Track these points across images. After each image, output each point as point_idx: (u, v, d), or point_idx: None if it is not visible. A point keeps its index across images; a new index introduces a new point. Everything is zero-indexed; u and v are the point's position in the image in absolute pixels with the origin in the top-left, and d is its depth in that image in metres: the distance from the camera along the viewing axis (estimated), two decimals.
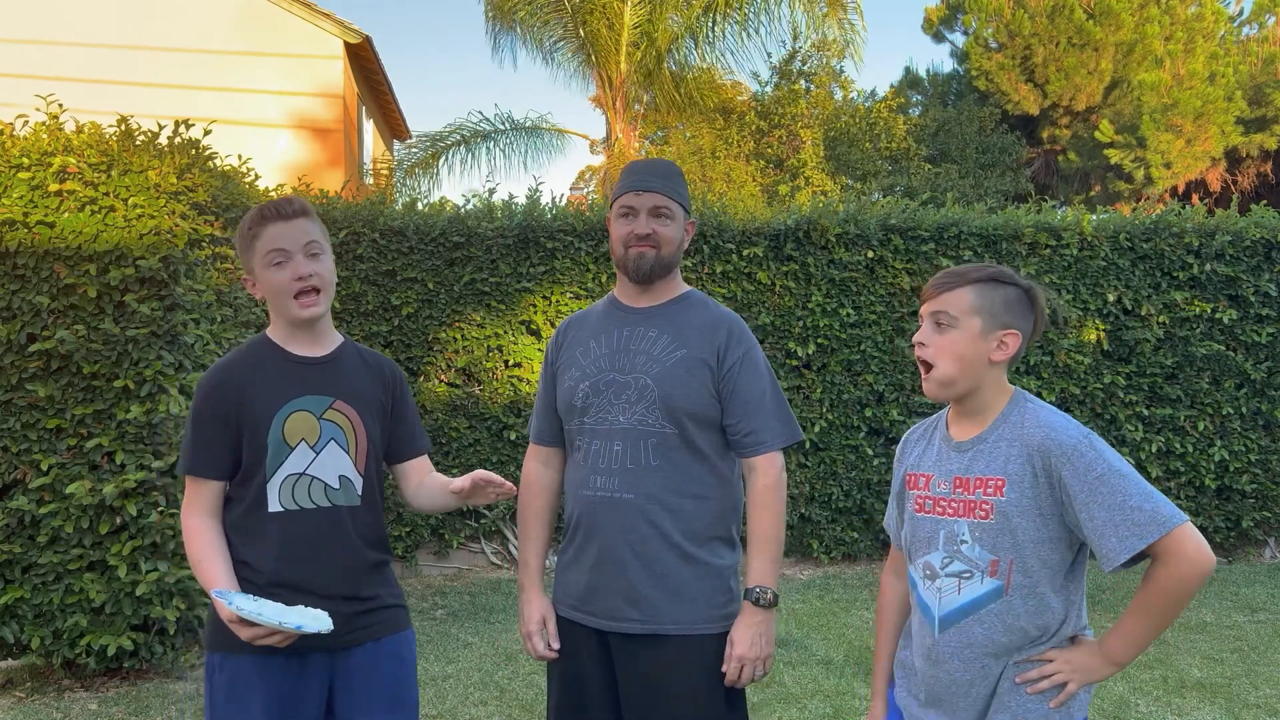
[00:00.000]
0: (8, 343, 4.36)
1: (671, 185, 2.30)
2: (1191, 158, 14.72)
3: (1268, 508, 7.22)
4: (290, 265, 2.09)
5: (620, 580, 2.22)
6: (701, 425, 2.24)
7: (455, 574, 6.75)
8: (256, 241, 2.11)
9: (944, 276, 1.91)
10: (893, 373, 6.91)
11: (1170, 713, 4.19)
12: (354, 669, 2.13)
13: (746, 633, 2.20)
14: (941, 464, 1.94)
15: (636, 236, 2.26)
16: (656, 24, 13.36)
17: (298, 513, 2.09)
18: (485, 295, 6.65)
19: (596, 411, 2.26)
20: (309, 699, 2.10)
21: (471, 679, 4.64)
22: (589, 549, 2.27)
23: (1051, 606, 1.84)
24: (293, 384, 2.13)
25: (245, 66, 12.67)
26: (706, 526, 2.25)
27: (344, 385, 2.16)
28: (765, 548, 2.22)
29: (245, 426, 2.10)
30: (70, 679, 4.56)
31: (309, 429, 2.11)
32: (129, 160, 4.49)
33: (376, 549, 2.19)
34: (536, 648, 2.33)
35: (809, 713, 4.17)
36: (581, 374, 2.30)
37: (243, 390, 2.11)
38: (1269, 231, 7.15)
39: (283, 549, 2.09)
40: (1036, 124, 16.66)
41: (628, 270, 2.30)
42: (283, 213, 2.11)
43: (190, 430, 2.14)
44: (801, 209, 7.00)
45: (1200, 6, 15.59)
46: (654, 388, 2.22)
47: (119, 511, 4.33)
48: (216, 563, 2.07)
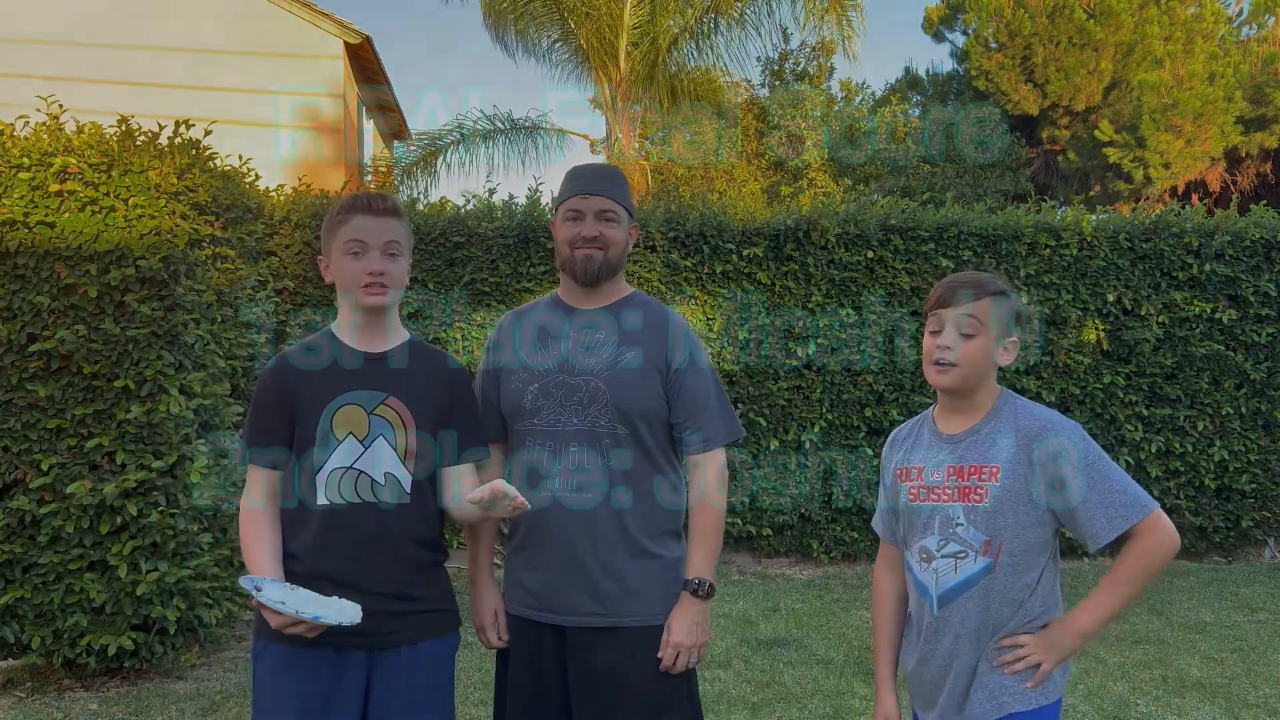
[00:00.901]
0: (8, 343, 4.36)
1: (617, 189, 2.35)
2: (1191, 158, 14.72)
3: (1267, 508, 7.22)
4: (366, 258, 2.11)
5: (579, 577, 2.27)
6: (652, 426, 2.30)
7: (455, 574, 6.73)
8: (341, 228, 2.13)
9: (968, 286, 2.06)
10: (893, 373, 6.91)
11: (1170, 713, 4.19)
12: (391, 669, 2.12)
13: (684, 621, 2.28)
14: (933, 455, 2.10)
15: (584, 239, 2.30)
16: (658, 24, 13.36)
17: (343, 507, 2.10)
18: (485, 295, 6.65)
19: (547, 414, 2.29)
20: (346, 695, 2.09)
21: (471, 679, 4.64)
22: (547, 549, 2.29)
23: (1029, 581, 2.02)
24: (347, 377, 2.14)
25: (245, 66, 12.68)
26: (659, 522, 2.32)
27: (398, 382, 2.16)
28: (706, 541, 2.32)
29: (298, 415, 2.12)
30: (70, 679, 4.56)
31: (358, 423, 2.11)
32: (129, 160, 4.49)
33: (426, 549, 2.17)
34: (491, 640, 2.38)
35: (809, 713, 4.17)
36: (530, 375, 2.33)
37: (298, 378, 2.14)
38: (1269, 231, 7.16)
39: (325, 542, 2.10)
40: (1036, 124, 16.65)
41: (575, 272, 2.33)
42: (373, 207, 2.14)
43: (249, 419, 2.18)
44: (802, 209, 7.00)
45: (1200, 6, 15.59)
46: (606, 391, 2.26)
47: (119, 511, 4.33)
48: (259, 550, 2.09)
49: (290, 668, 2.08)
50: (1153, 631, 5.35)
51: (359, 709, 2.11)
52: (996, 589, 2.01)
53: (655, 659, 2.27)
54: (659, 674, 2.27)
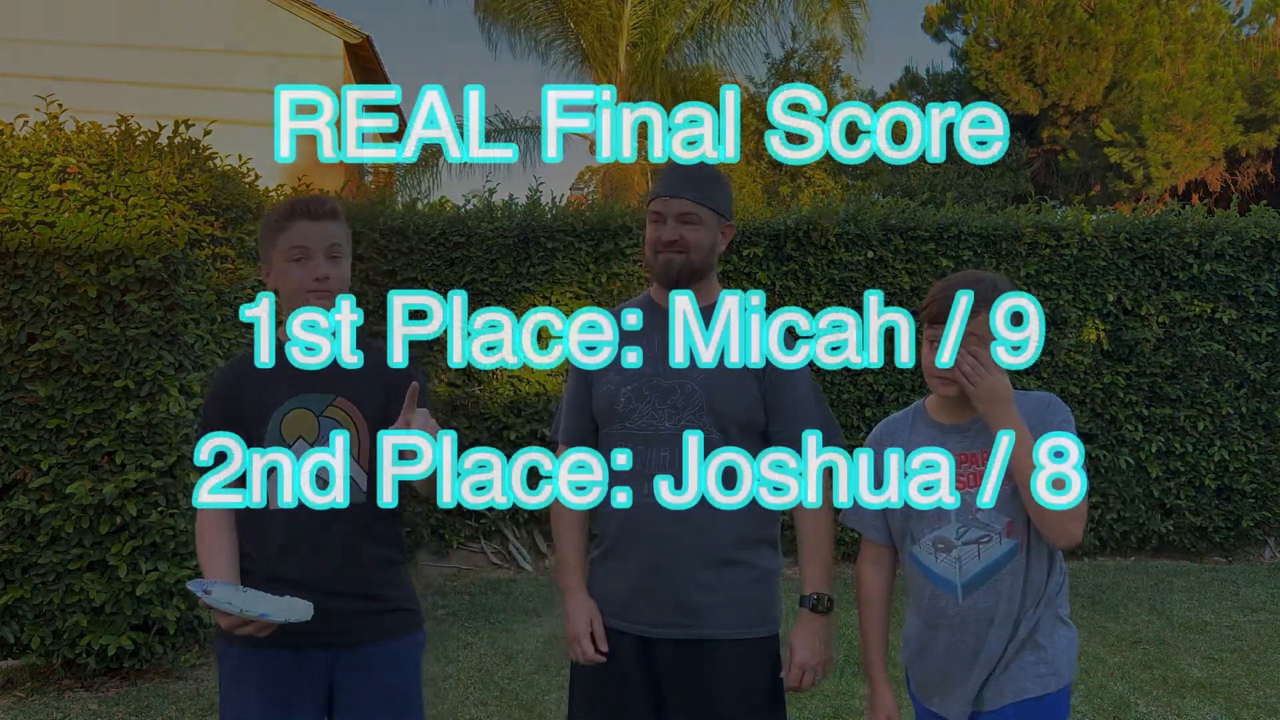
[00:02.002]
0: (8, 343, 4.36)
1: (703, 190, 2.26)
2: (1191, 157, 14.72)
3: (1268, 508, 7.21)
4: (309, 264, 2.10)
5: (666, 588, 2.19)
6: (746, 431, 2.24)
7: (455, 574, 6.74)
8: (280, 235, 2.12)
9: (977, 288, 2.02)
10: (893, 373, 6.91)
11: (1170, 713, 4.19)
12: (354, 670, 2.11)
13: (807, 639, 2.20)
14: (939, 445, 2.08)
15: (664, 242, 2.24)
16: (659, 24, 13.35)
17: (296, 509, 2.10)
18: (485, 295, 6.64)
19: (640, 417, 2.23)
20: (307, 695, 2.10)
21: (471, 679, 4.64)
22: (632, 555, 2.23)
23: (1049, 563, 2.06)
24: (293, 382, 2.13)
25: (245, 66, 12.67)
26: (750, 530, 2.24)
27: (346, 383, 2.15)
28: (817, 553, 2.24)
29: (246, 425, 2.12)
30: (70, 679, 4.56)
31: (307, 427, 2.11)
32: (129, 160, 4.49)
33: (383, 547, 2.17)
34: (586, 651, 2.25)
35: (809, 713, 4.17)
36: (622, 378, 2.27)
37: (243, 389, 2.14)
38: (1269, 231, 7.15)
39: (281, 544, 2.10)
40: (1036, 124, 16.64)
41: (657, 275, 2.28)
42: (313, 212, 2.12)
43: (200, 423, 2.19)
44: (802, 209, 7.00)
45: (1200, 6, 15.59)
46: (701, 393, 2.21)
47: (119, 511, 4.33)
48: (213, 553, 2.10)
49: (250, 669, 2.08)
50: (1153, 631, 5.35)
51: (322, 710, 2.12)
52: (1027, 568, 2.02)
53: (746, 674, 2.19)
54: (750, 689, 2.20)
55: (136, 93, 11.69)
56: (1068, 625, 2.10)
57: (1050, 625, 2.05)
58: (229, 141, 5.98)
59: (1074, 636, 2.11)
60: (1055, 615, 2.07)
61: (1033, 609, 2.03)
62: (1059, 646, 2.05)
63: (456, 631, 5.38)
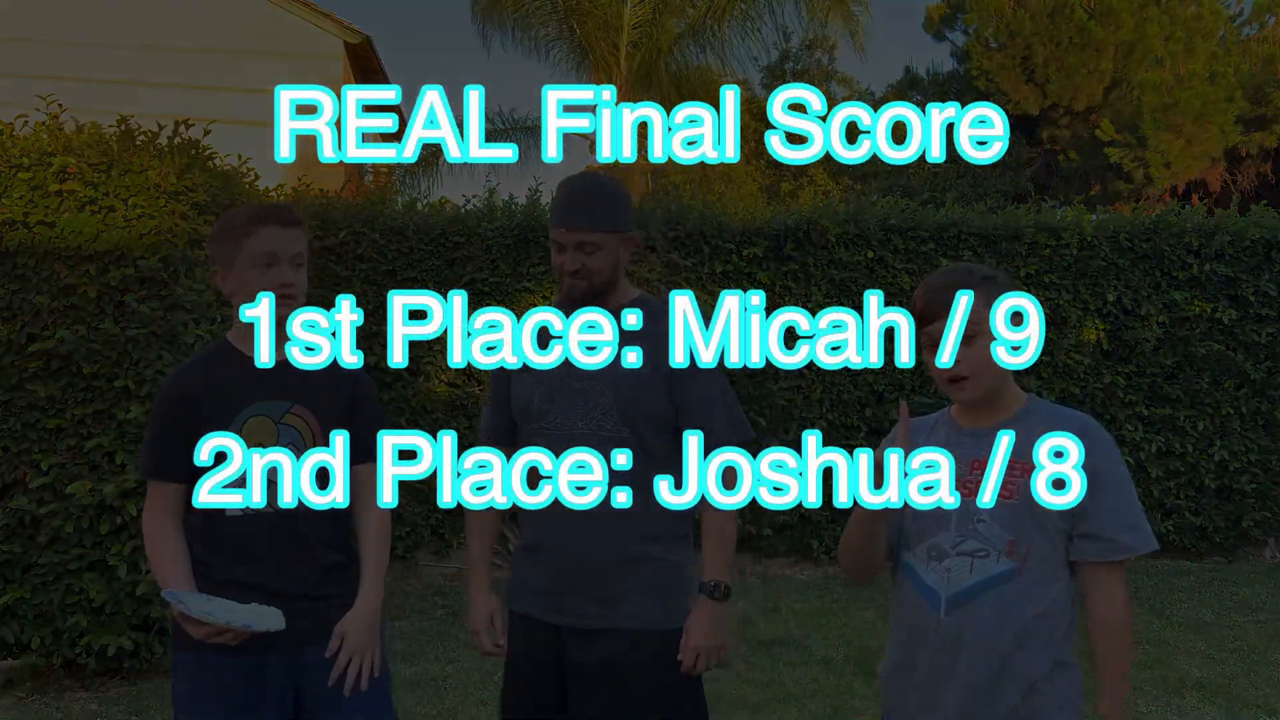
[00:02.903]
0: (8, 343, 4.36)
1: (597, 214, 2.27)
2: (1191, 157, 14.72)
3: (1268, 508, 7.21)
4: (275, 270, 2.14)
5: (583, 580, 2.27)
6: (657, 429, 2.29)
7: (455, 574, 6.74)
8: (247, 240, 2.14)
9: (949, 291, 1.90)
10: (893, 373, 6.91)
11: (1170, 713, 4.19)
12: (317, 669, 2.14)
13: (702, 623, 2.26)
14: (954, 449, 1.95)
15: (566, 271, 2.29)
16: (659, 24, 13.33)
17: (254, 514, 2.13)
18: (485, 295, 6.64)
19: (554, 417, 2.30)
20: (270, 699, 2.12)
21: (471, 679, 4.63)
22: (553, 551, 2.30)
23: (1052, 596, 1.88)
24: (250, 389, 2.16)
25: (245, 66, 12.67)
26: (665, 526, 2.30)
27: (302, 390, 2.18)
28: (720, 544, 2.30)
29: (192, 431, 2.14)
30: (70, 679, 4.56)
31: (266, 433, 2.14)
32: (129, 160, 4.49)
33: (335, 551, 2.21)
34: (484, 645, 2.40)
35: (809, 713, 4.17)
36: (535, 379, 2.34)
37: (200, 396, 2.15)
38: (1269, 231, 7.15)
39: (237, 549, 2.13)
40: (1036, 124, 16.65)
41: (562, 298, 2.35)
42: (283, 219, 2.16)
43: (150, 435, 2.19)
44: (802, 209, 7.00)
45: (1200, 6, 15.59)
46: (611, 394, 2.26)
47: (119, 511, 4.33)
48: (172, 563, 2.12)
49: (211, 677, 2.10)
50: (1153, 631, 5.35)
51: (288, 714, 2.14)
52: (1020, 599, 1.85)
53: (655, 662, 2.26)
54: (660, 678, 2.26)
55: (136, 93, 11.69)
56: (1069, 667, 1.91)
57: (1049, 675, 1.88)
58: (229, 141, 5.97)
59: (1075, 678, 1.92)
60: (1054, 661, 1.88)
61: (1019, 650, 1.85)
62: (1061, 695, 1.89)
63: (456, 631, 5.38)
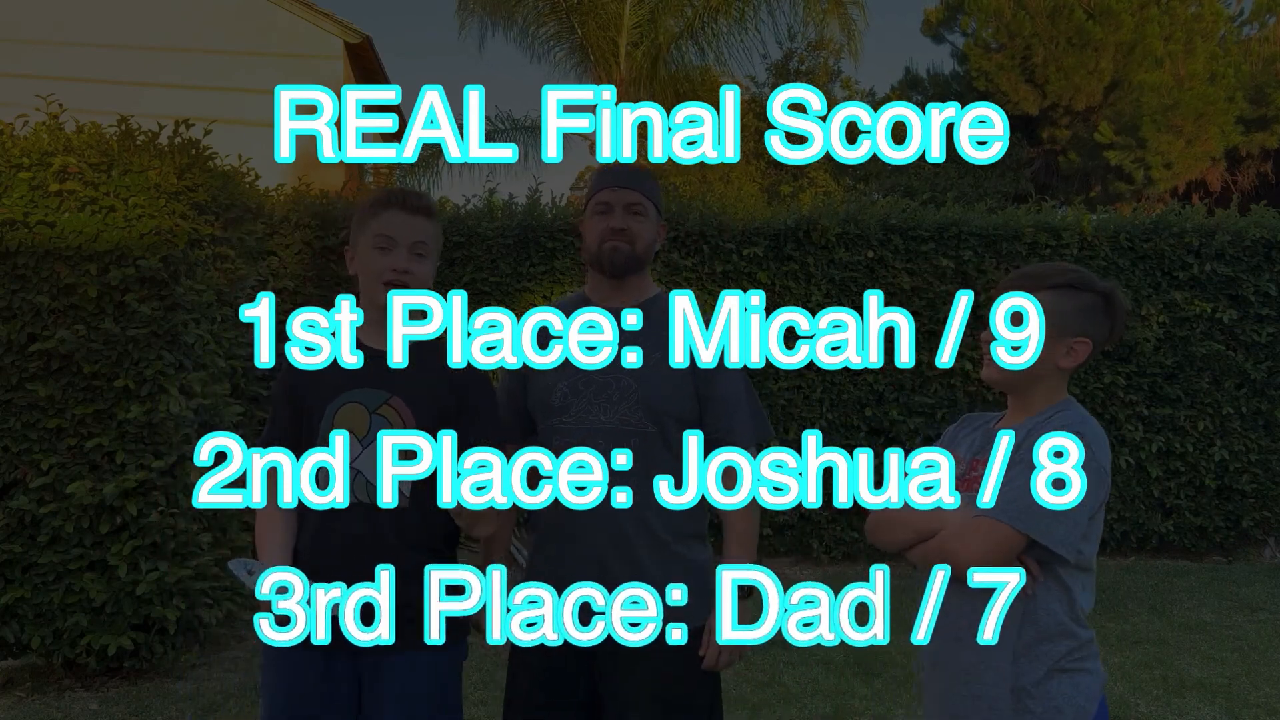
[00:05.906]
0: (8, 343, 4.36)
1: (648, 187, 2.34)
2: (1192, 158, 14.72)
3: (1268, 508, 7.21)
4: (392, 254, 2.09)
5: (604, 580, 2.25)
6: (680, 425, 2.28)
7: None
8: (372, 220, 2.11)
9: (1019, 280, 1.94)
10: (893, 373, 6.91)
11: (1170, 713, 4.19)
12: (381, 679, 2.06)
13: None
14: (972, 446, 2.00)
15: (612, 230, 2.28)
16: (659, 24, 13.33)
17: (340, 508, 2.07)
18: (485, 295, 6.64)
19: (576, 411, 2.28)
20: (335, 697, 2.06)
21: (471, 679, 4.63)
22: (572, 549, 2.29)
23: (1039, 619, 1.86)
24: (353, 376, 2.11)
25: (245, 66, 12.66)
26: (684, 523, 2.29)
27: (403, 382, 2.12)
28: (742, 543, 2.30)
29: (303, 411, 2.12)
30: (70, 679, 4.56)
31: (358, 422, 2.08)
32: (129, 160, 4.49)
33: (425, 554, 2.11)
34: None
35: (809, 713, 4.17)
36: (557, 373, 2.31)
37: (302, 376, 2.14)
38: (1269, 231, 7.15)
39: (318, 540, 2.09)
40: (1036, 124, 16.64)
41: (602, 264, 2.31)
42: (407, 204, 2.11)
43: (270, 414, 2.20)
44: (802, 209, 7.00)
45: (1200, 6, 15.57)
46: (636, 388, 2.24)
47: (119, 511, 4.33)
48: (263, 541, 2.11)
49: (275, 666, 2.09)
50: (1153, 631, 5.35)
51: (351, 713, 2.08)
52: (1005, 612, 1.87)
53: (680, 664, 2.23)
54: (679, 674, 2.24)
55: (136, 93, 11.69)
56: (1066, 673, 1.87)
57: (1037, 679, 1.86)
58: (229, 141, 5.97)
59: (1079, 683, 1.87)
60: (1047, 669, 1.86)
61: (994, 664, 1.85)
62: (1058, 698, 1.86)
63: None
